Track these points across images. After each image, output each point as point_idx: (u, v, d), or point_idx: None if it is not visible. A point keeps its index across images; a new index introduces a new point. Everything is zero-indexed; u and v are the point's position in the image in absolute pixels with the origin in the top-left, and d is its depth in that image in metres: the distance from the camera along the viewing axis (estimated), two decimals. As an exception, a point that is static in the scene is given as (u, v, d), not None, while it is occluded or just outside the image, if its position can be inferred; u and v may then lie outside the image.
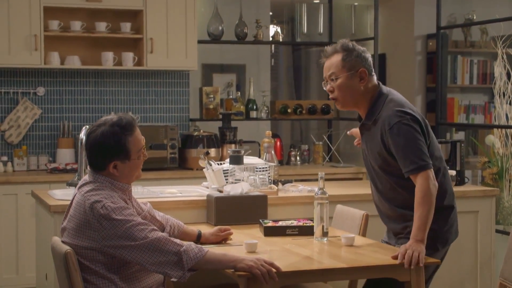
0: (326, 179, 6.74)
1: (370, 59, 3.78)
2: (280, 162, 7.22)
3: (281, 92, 9.50)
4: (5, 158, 6.49)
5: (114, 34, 6.62)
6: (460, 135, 7.79)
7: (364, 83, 3.74)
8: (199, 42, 6.86)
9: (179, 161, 6.65)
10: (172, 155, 6.57)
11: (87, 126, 4.67)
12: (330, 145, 7.52)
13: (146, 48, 6.57)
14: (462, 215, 3.64)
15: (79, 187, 3.42)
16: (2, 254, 6.02)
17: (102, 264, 3.32)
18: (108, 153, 3.36)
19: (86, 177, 3.47)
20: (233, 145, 6.75)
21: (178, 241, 3.29)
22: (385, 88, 3.79)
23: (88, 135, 3.41)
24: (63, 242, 3.37)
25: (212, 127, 7.11)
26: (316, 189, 3.94)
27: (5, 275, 6.03)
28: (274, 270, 3.21)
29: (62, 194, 4.70)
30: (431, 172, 3.59)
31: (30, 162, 6.55)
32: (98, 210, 3.24)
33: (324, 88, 3.84)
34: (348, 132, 4.34)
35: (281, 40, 7.52)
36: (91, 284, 3.32)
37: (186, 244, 3.28)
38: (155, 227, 3.33)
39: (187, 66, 6.76)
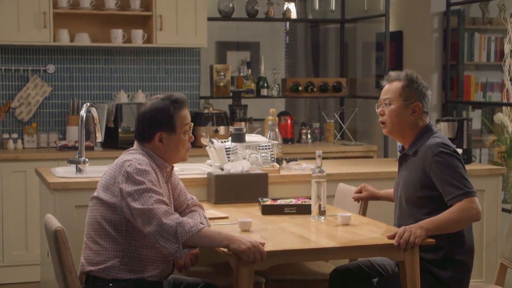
0: (336, 157, 6.77)
1: (430, 97, 3.80)
2: (291, 140, 7.18)
3: (299, 70, 9.43)
4: (15, 136, 6.51)
5: (123, 11, 6.59)
6: (477, 113, 7.70)
7: (415, 117, 3.75)
8: (209, 19, 6.81)
9: (188, 138, 6.63)
10: (181, 133, 6.53)
11: (88, 104, 4.69)
12: (342, 123, 7.45)
13: (155, 25, 6.54)
14: (468, 194, 3.59)
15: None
16: (12, 231, 6.05)
17: (117, 229, 3.39)
18: (155, 123, 3.48)
19: None
20: (243, 123, 6.72)
21: (176, 215, 3.32)
22: (435, 128, 3.81)
23: (140, 109, 3.56)
24: (92, 197, 3.49)
25: (224, 105, 7.08)
26: (314, 167, 3.90)
27: (14, 252, 6.07)
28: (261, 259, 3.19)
29: (64, 172, 4.71)
30: (477, 200, 3.57)
31: (40, 140, 6.57)
32: (125, 168, 3.38)
33: (376, 110, 3.86)
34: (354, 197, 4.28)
35: (292, 17, 7.44)
36: (99, 245, 3.40)
37: (183, 218, 3.30)
38: (165, 200, 3.36)
39: (197, 43, 6.71)
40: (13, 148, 6.40)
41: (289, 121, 7.17)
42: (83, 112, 4.62)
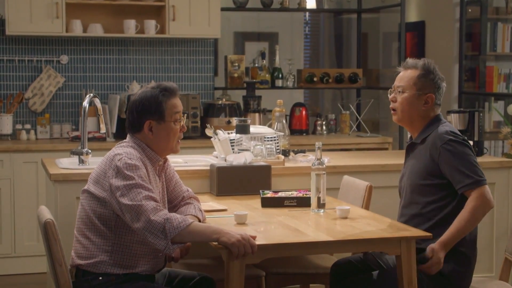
0: (350, 149, 6.69)
1: (444, 89, 3.73)
2: (306, 132, 7.11)
3: (321, 60, 9.34)
4: (28, 126, 6.51)
5: (136, 1, 6.55)
6: (499, 105, 7.57)
7: (427, 108, 3.70)
8: (223, 9, 6.75)
9: (201, 130, 6.58)
10: (194, 124, 6.50)
11: (91, 94, 4.66)
12: (357, 115, 7.35)
13: (168, 15, 6.49)
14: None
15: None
16: (23, 222, 6.05)
17: (106, 224, 3.34)
18: (144, 111, 3.43)
19: None
20: (256, 114, 6.66)
21: (165, 211, 3.27)
22: (443, 119, 3.74)
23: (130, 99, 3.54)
24: (83, 190, 3.46)
25: (240, 96, 7.03)
26: (313, 160, 3.84)
27: (26, 243, 6.07)
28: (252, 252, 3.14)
29: (68, 163, 4.69)
30: (487, 188, 3.52)
31: (53, 130, 6.57)
32: (115, 162, 3.33)
33: (389, 96, 3.79)
34: None
35: (307, 7, 7.35)
36: (88, 240, 3.36)
37: (171, 214, 3.25)
38: (154, 196, 3.30)
39: (210, 34, 6.65)
40: (26, 139, 6.39)
41: (303, 112, 7.09)
42: (85, 103, 4.59)
